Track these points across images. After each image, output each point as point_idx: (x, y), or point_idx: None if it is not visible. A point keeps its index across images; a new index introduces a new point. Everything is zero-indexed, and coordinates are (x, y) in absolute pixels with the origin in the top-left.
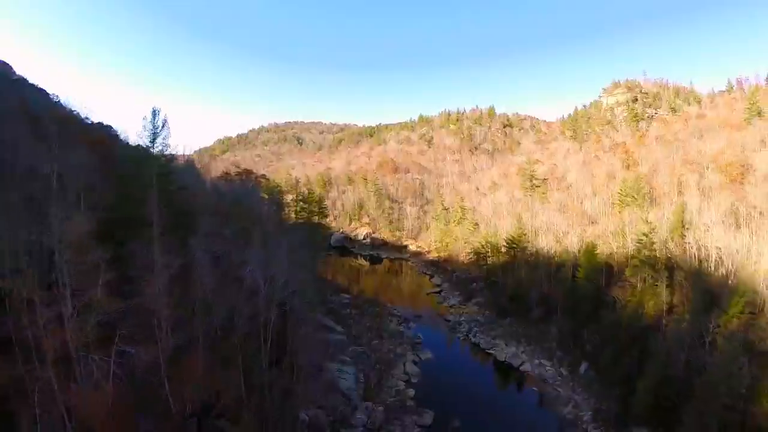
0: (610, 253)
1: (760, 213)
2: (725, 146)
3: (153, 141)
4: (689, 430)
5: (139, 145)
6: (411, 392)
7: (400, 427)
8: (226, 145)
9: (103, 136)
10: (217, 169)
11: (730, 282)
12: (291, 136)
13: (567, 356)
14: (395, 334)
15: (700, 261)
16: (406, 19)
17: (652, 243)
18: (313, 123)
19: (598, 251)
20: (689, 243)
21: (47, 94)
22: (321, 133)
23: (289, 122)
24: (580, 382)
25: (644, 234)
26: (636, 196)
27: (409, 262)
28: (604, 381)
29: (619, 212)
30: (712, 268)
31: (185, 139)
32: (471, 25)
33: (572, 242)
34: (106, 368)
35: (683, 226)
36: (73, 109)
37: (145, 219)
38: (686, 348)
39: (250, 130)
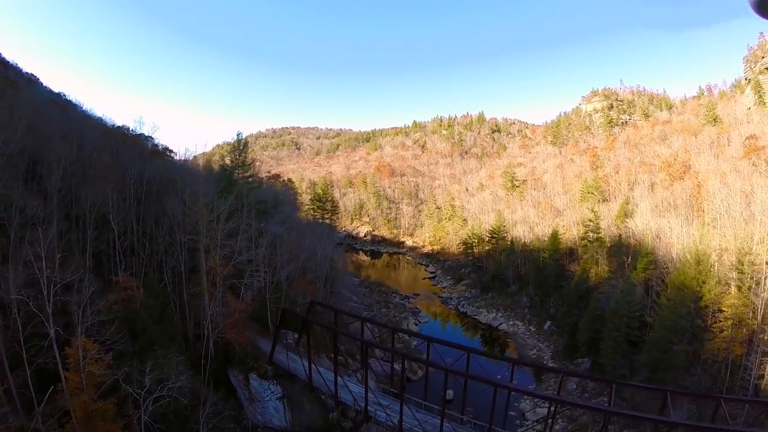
0: (572, 238)
1: (692, 204)
2: (679, 149)
3: (239, 155)
4: (607, 345)
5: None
6: (414, 341)
7: (408, 365)
8: (225, 150)
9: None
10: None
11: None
12: (289, 141)
13: (535, 318)
14: (398, 305)
15: (632, 238)
16: (398, 25)
17: (598, 227)
18: (309, 128)
19: (561, 237)
20: (627, 226)
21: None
22: (318, 138)
23: (286, 128)
24: (544, 335)
25: (590, 220)
26: (594, 192)
27: (407, 256)
28: (560, 332)
29: (581, 206)
30: (639, 242)
31: (185, 144)
32: (463, 30)
33: (542, 231)
34: (239, 290)
35: (625, 214)
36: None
37: (241, 208)
38: (612, 297)
39: (248, 135)
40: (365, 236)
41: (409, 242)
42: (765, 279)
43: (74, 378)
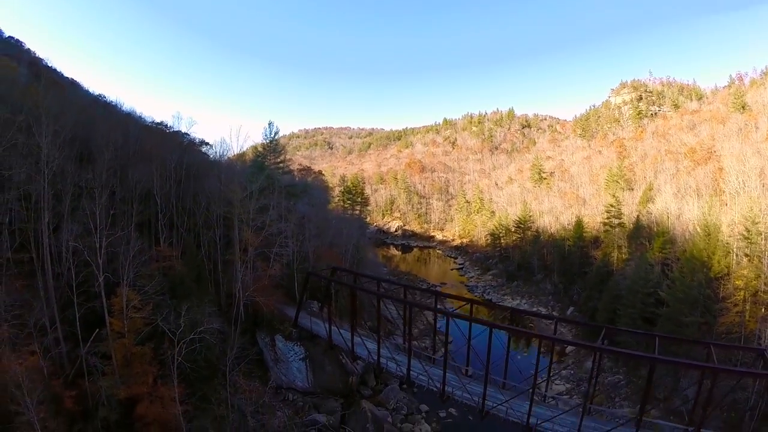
0: (596, 226)
1: (710, 188)
2: (706, 137)
3: (271, 142)
4: (622, 323)
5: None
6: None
7: (429, 341)
8: (259, 147)
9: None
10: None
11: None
12: (321, 141)
13: (558, 304)
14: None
15: (654, 222)
16: (431, 26)
17: (620, 213)
18: (341, 128)
19: (586, 225)
20: (649, 211)
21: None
22: (350, 137)
23: (319, 128)
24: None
25: (612, 206)
26: (619, 180)
27: (437, 249)
28: (582, 317)
29: (606, 194)
30: (658, 225)
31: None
32: (495, 28)
33: (568, 220)
34: (268, 260)
35: (648, 200)
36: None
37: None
38: (629, 276)
39: (281, 137)
40: (396, 231)
41: (439, 236)
42: None
43: (117, 323)
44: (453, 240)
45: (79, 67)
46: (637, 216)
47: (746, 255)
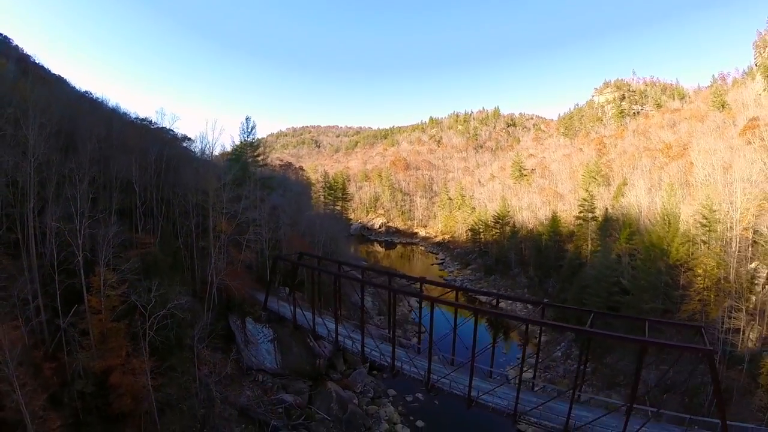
0: (572, 221)
1: (680, 182)
2: (683, 134)
3: (248, 136)
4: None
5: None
6: (413, 315)
7: (401, 330)
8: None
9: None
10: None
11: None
12: (309, 139)
13: (533, 297)
14: (403, 285)
15: (624, 214)
16: (419, 26)
17: (593, 207)
18: (329, 127)
19: (562, 220)
20: (621, 205)
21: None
22: (337, 136)
23: (306, 126)
24: (539, 312)
25: (585, 200)
26: (597, 176)
27: (420, 246)
28: (556, 308)
29: (581, 190)
30: (626, 217)
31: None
32: (482, 28)
33: (545, 215)
34: (240, 246)
35: (622, 195)
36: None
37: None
38: (596, 267)
39: (269, 135)
40: (380, 228)
41: (422, 233)
42: (736, 237)
43: (95, 300)
44: (435, 236)
45: (67, 64)
46: (606, 209)
47: (704, 242)
